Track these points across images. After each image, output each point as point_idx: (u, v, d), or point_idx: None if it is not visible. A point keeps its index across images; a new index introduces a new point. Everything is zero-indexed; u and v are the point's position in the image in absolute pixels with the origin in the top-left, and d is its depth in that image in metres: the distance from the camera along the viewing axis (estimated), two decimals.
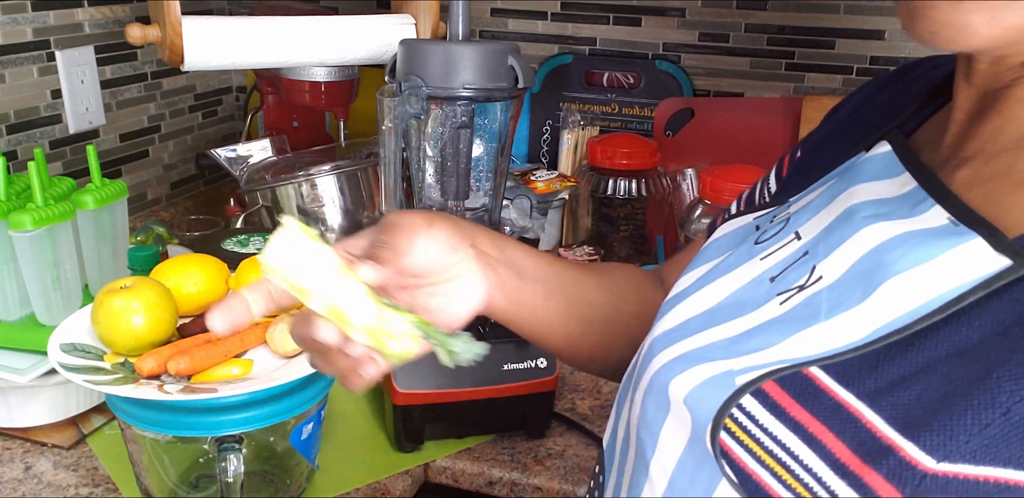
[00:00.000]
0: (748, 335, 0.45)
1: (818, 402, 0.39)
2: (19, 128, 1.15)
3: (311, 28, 1.09)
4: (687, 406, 0.44)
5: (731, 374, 0.43)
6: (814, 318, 0.43)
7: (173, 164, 1.45)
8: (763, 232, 0.53)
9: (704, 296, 0.51)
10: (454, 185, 0.94)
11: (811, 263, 0.46)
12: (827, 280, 0.44)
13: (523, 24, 1.43)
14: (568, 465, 0.88)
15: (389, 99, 0.89)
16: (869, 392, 0.38)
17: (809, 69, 1.33)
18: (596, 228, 1.30)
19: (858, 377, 0.39)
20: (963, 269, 0.39)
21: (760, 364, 0.42)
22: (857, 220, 0.45)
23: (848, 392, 0.39)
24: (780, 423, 0.40)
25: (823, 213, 0.49)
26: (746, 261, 0.51)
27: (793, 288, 0.46)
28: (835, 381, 0.40)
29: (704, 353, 0.46)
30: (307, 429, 0.78)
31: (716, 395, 0.42)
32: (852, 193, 0.48)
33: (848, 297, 0.42)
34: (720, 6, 1.33)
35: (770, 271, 0.49)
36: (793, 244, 0.49)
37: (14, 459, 0.87)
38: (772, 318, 0.45)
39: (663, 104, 1.37)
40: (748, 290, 0.49)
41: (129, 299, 0.74)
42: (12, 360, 0.89)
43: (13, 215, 0.85)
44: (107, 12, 1.24)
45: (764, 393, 0.41)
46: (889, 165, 0.48)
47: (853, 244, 0.44)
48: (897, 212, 0.44)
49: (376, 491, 0.85)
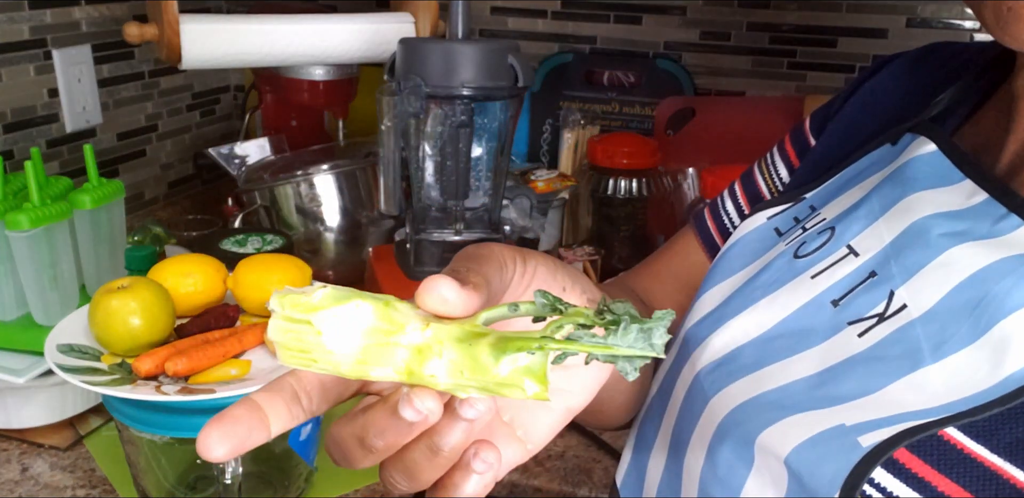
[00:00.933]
0: (833, 375, 0.40)
1: (965, 470, 0.34)
2: (16, 127, 1.14)
3: (309, 27, 1.08)
4: (789, 467, 0.38)
5: (845, 431, 0.37)
6: (917, 360, 0.38)
7: (171, 163, 1.44)
8: (801, 243, 0.47)
9: (750, 320, 0.45)
10: (454, 185, 0.93)
11: (886, 287, 0.41)
12: (916, 310, 0.39)
13: (523, 22, 1.43)
14: (568, 466, 0.88)
15: (388, 98, 0.88)
16: (1005, 445, 0.34)
17: (811, 68, 1.32)
18: (596, 228, 1.29)
19: (1003, 435, 0.34)
20: None
21: (877, 418, 0.36)
22: (934, 238, 0.40)
23: (995, 455, 0.34)
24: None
25: (879, 225, 0.44)
26: (791, 279, 0.45)
27: (870, 317, 0.40)
28: (980, 444, 0.35)
29: (787, 397, 0.40)
30: (305, 430, 0.78)
31: (836, 458, 0.36)
32: (912, 202, 0.43)
33: (955, 334, 0.37)
34: (721, 4, 1.33)
35: (829, 293, 0.43)
36: (850, 260, 0.44)
37: (11, 460, 0.87)
38: (856, 354, 0.40)
39: (664, 103, 1.37)
40: (807, 316, 0.43)
41: (126, 299, 0.73)
42: (8, 361, 0.88)
43: (9, 215, 0.84)
44: (104, 10, 1.24)
45: (898, 464, 0.35)
46: (940, 169, 0.43)
47: (941, 269, 0.39)
48: (976, 230, 0.40)
49: (375, 492, 0.84)
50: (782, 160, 0.59)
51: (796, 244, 0.48)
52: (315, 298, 0.30)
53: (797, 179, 0.56)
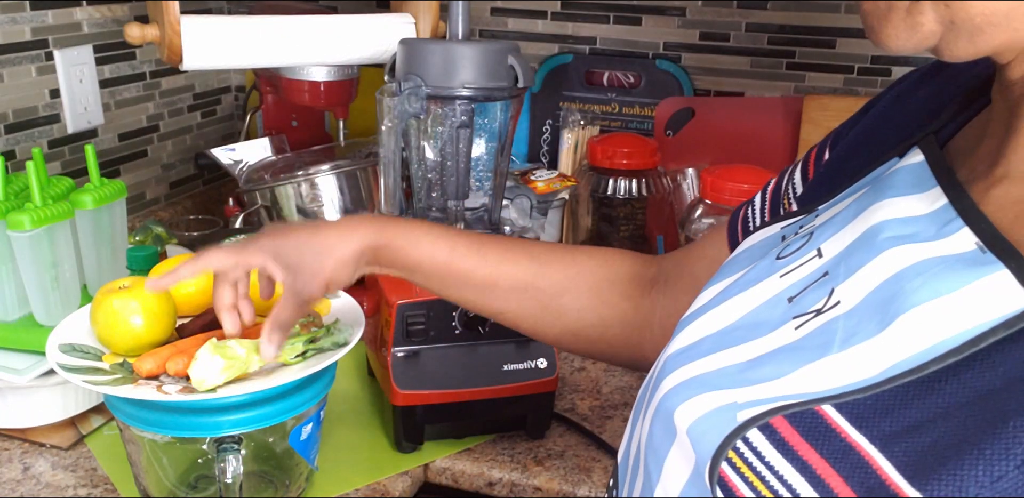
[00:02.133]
0: (759, 362, 0.43)
1: (828, 442, 0.37)
2: (17, 128, 1.14)
3: (310, 27, 1.08)
4: (689, 438, 0.42)
5: (734, 408, 0.41)
6: (827, 349, 0.40)
7: (172, 164, 1.44)
8: (787, 245, 0.50)
9: (721, 313, 0.48)
10: (454, 185, 0.94)
11: (830, 285, 0.43)
12: (844, 306, 0.41)
13: (523, 23, 1.43)
14: (568, 466, 0.88)
15: (389, 98, 0.88)
16: (883, 436, 0.36)
17: (810, 68, 1.33)
18: (596, 228, 1.29)
19: (873, 419, 0.37)
20: (985, 305, 0.36)
21: (766, 398, 0.40)
22: (880, 241, 0.42)
23: (861, 434, 0.37)
24: (786, 460, 0.38)
25: (846, 229, 0.46)
26: (766, 277, 0.48)
27: (810, 312, 0.43)
28: (848, 422, 0.37)
29: (713, 379, 0.44)
30: (306, 429, 0.78)
31: (717, 429, 0.41)
32: (878, 208, 0.44)
33: (864, 327, 0.40)
34: (720, 5, 1.33)
35: (789, 290, 0.46)
36: (814, 262, 0.46)
37: (12, 460, 0.87)
38: (785, 345, 0.43)
39: (663, 103, 1.37)
40: (765, 310, 0.46)
41: (128, 299, 0.74)
42: (11, 360, 0.89)
43: (11, 215, 0.85)
44: (106, 11, 1.24)
45: (772, 428, 0.39)
46: (922, 177, 0.45)
47: (874, 268, 0.41)
48: (923, 233, 0.41)
49: (376, 491, 0.84)
50: (801, 173, 0.61)
51: (783, 246, 0.50)
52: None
53: (810, 192, 0.58)
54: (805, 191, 0.59)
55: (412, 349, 0.86)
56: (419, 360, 0.87)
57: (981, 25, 0.37)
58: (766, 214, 0.62)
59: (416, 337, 0.86)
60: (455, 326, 0.87)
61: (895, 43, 0.40)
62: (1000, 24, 0.37)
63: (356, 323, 0.78)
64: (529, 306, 0.69)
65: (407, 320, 0.85)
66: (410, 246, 0.67)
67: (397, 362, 0.86)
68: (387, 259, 0.68)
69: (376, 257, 0.68)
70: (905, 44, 0.40)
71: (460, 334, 0.87)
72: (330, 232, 0.67)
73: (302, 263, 0.65)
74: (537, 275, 0.68)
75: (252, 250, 0.66)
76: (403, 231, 0.68)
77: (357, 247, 0.66)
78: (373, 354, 0.96)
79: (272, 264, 0.65)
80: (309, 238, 0.66)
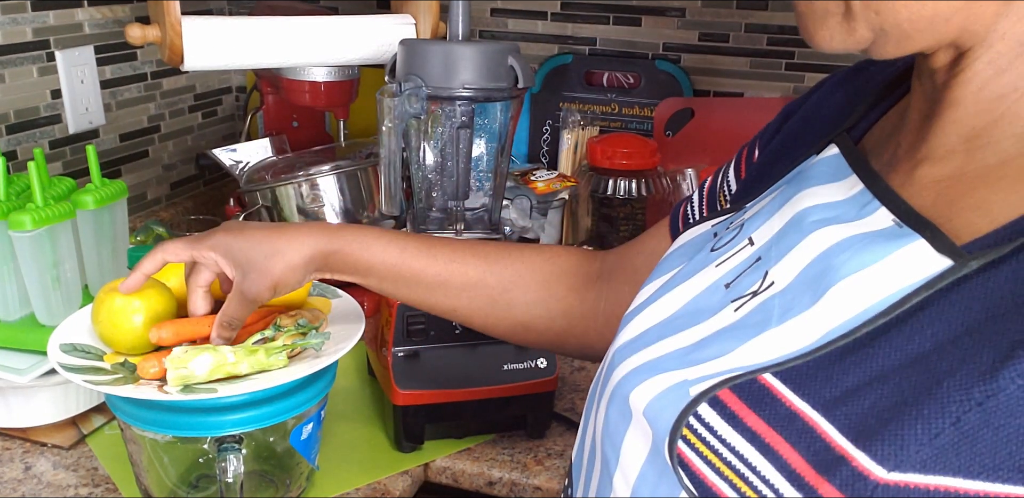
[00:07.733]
0: (704, 343, 0.45)
1: (773, 411, 0.39)
2: (19, 128, 1.15)
3: (311, 28, 1.09)
4: (646, 418, 0.44)
5: (685, 384, 0.43)
6: (766, 324, 0.43)
7: (173, 164, 1.45)
8: (719, 239, 0.53)
9: (662, 306, 0.51)
10: (454, 185, 0.94)
11: (763, 269, 0.46)
12: (779, 286, 0.44)
13: (523, 24, 1.43)
14: (568, 465, 0.88)
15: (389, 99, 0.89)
16: (824, 401, 0.38)
17: (809, 69, 1.33)
18: (596, 228, 1.30)
19: (813, 386, 0.39)
20: (906, 271, 0.39)
21: (714, 373, 0.42)
22: (807, 224, 0.46)
23: (803, 401, 0.39)
24: (736, 432, 0.40)
25: (774, 218, 0.49)
26: (702, 268, 0.51)
27: (747, 294, 0.46)
28: (790, 389, 0.40)
29: (661, 363, 0.46)
30: (307, 429, 0.78)
31: (672, 406, 0.42)
32: (801, 197, 0.48)
33: (798, 302, 0.42)
34: (720, 6, 1.33)
35: (725, 278, 0.49)
36: (746, 250, 0.49)
37: (14, 459, 0.87)
38: (727, 326, 0.45)
39: (663, 104, 1.37)
40: (704, 298, 0.49)
41: (130, 298, 0.74)
42: (12, 360, 0.89)
43: (13, 215, 0.85)
44: (107, 12, 1.24)
45: (720, 402, 0.41)
46: (838, 168, 0.49)
47: (803, 249, 0.44)
48: (845, 215, 0.44)
49: (376, 491, 0.85)
50: (734, 172, 0.65)
51: (716, 240, 0.54)
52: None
53: (742, 190, 0.62)
54: (738, 190, 0.63)
55: (412, 349, 0.87)
56: (419, 360, 0.87)
57: (909, 31, 0.40)
58: (704, 210, 0.65)
59: (416, 337, 0.86)
60: (455, 326, 0.87)
61: (829, 45, 0.43)
62: (925, 30, 0.40)
63: (356, 323, 0.78)
64: (480, 302, 0.71)
65: (407, 320, 0.86)
66: (362, 249, 0.69)
67: (397, 362, 0.86)
68: (339, 264, 0.70)
69: (327, 263, 0.69)
70: (839, 46, 0.42)
71: (460, 334, 0.87)
72: (282, 236, 0.68)
73: (252, 263, 0.67)
74: (486, 272, 0.71)
75: (206, 245, 0.68)
76: (354, 236, 0.70)
77: (308, 252, 0.68)
78: (373, 354, 0.96)
79: (223, 261, 0.68)
80: (262, 240, 0.68)
